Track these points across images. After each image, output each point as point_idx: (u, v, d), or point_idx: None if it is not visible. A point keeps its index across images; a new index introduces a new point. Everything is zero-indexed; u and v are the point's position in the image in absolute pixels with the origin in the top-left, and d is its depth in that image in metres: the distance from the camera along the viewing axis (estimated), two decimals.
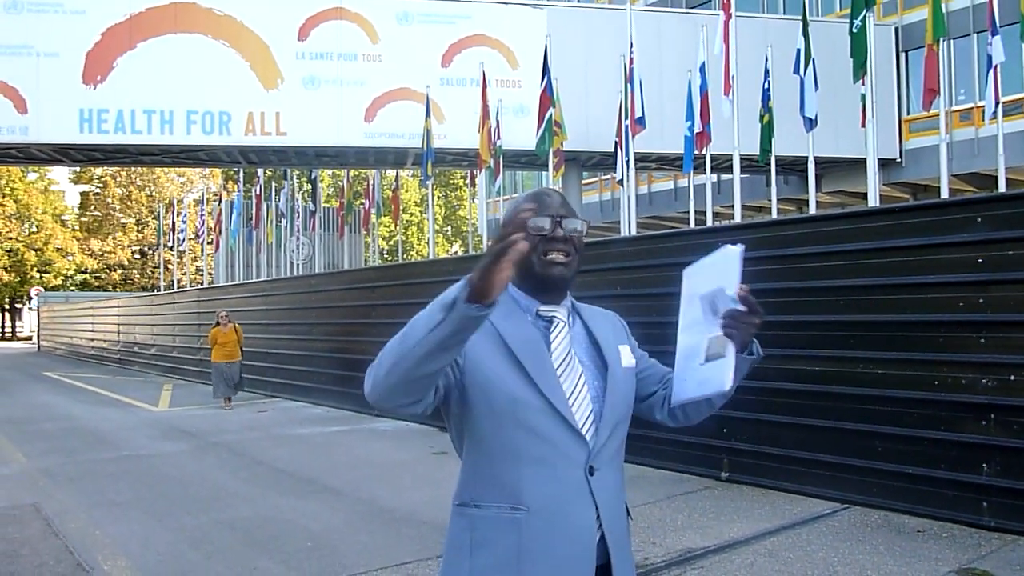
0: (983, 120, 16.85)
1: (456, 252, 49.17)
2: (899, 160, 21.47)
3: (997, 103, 13.06)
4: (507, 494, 1.60)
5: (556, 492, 1.59)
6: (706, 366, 1.64)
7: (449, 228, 52.88)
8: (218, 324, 13.13)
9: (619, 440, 1.70)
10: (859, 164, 18.76)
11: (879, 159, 14.04)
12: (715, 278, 1.63)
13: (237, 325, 13.37)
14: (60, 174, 49.95)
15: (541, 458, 1.59)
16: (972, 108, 19.61)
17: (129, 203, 47.89)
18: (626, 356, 1.77)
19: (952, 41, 19.14)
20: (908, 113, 21.64)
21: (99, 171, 46.30)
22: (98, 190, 48.20)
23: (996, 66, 12.93)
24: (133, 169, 45.01)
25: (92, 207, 48.64)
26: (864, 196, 19.29)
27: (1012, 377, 5.14)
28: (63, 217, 49.44)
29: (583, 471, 1.62)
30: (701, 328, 1.65)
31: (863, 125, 13.11)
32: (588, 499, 1.61)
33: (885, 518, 5.56)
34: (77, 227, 49.15)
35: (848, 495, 5.94)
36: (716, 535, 5.30)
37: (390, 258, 44.54)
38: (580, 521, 1.60)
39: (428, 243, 19.66)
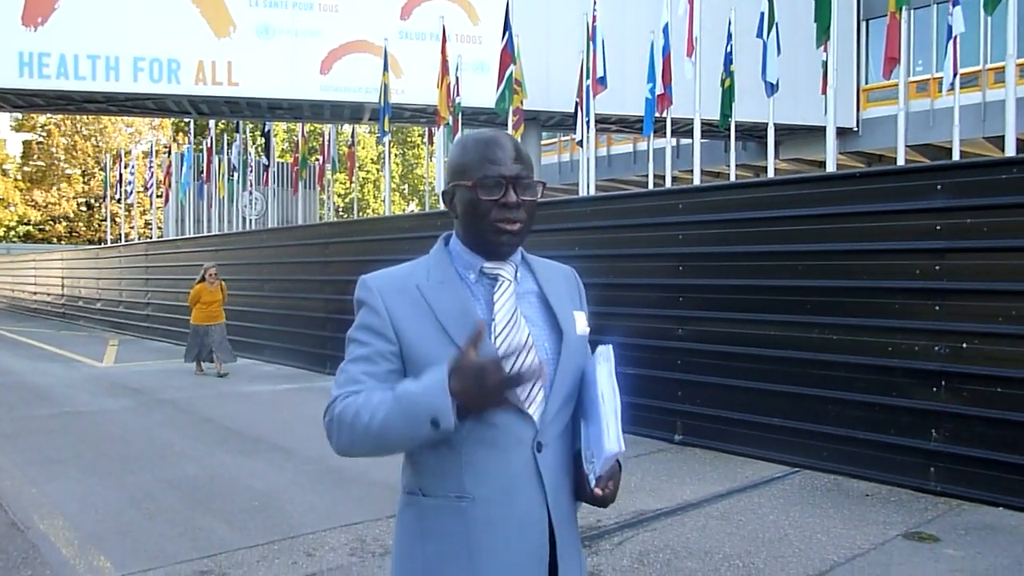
0: (939, 91, 17.01)
1: (412, 211, 48.72)
2: (856, 129, 21.64)
3: (955, 74, 13.14)
4: (451, 483, 1.50)
5: (500, 477, 1.48)
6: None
7: (406, 186, 52.28)
8: (203, 280, 11.56)
9: (569, 413, 1.58)
10: (816, 132, 18.88)
11: (836, 127, 14.09)
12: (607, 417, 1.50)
13: (223, 282, 11.97)
14: (0, 122, 48.17)
15: (483, 440, 1.47)
16: (929, 79, 19.79)
17: (74, 153, 46.31)
18: (580, 323, 1.62)
19: (912, 11, 19.23)
20: (866, 82, 21.78)
21: (42, 119, 44.64)
22: (41, 139, 46.45)
23: (956, 37, 12.99)
24: (78, 118, 43.51)
25: (35, 157, 46.90)
26: (821, 164, 19.42)
27: (964, 345, 5.18)
28: (4, 167, 47.62)
29: (530, 449, 1.50)
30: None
31: (823, 92, 13.11)
32: (535, 480, 1.50)
33: (835, 482, 5.61)
34: (19, 177, 47.45)
35: (800, 459, 5.99)
36: (669, 497, 5.29)
37: (345, 215, 43.97)
38: (527, 506, 1.50)
39: (384, 201, 19.33)
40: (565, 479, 1.57)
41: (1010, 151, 11.05)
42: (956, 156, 13.58)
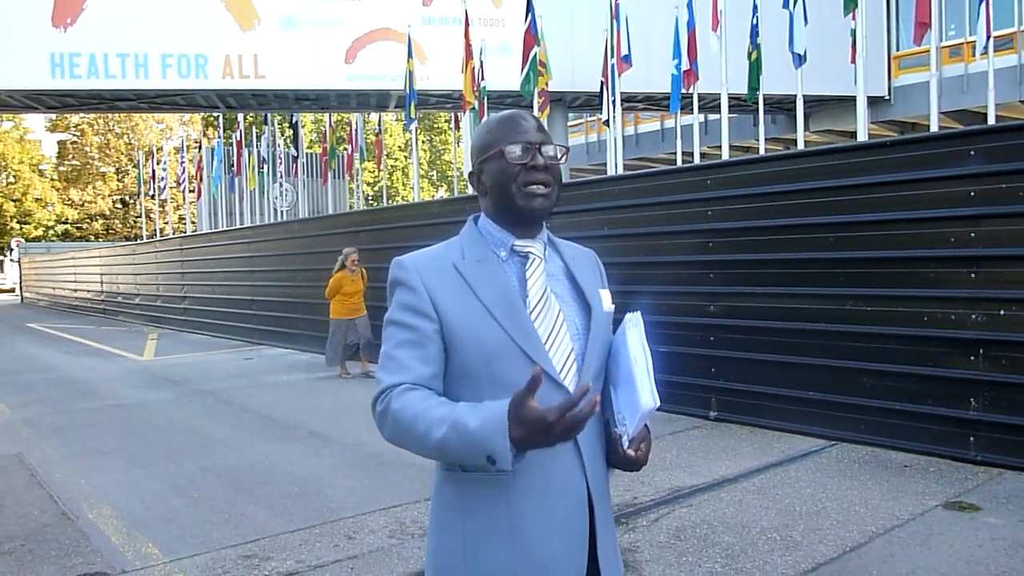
0: (973, 55, 16.59)
1: (441, 196, 48.77)
2: (887, 98, 21.24)
3: (988, 37, 12.85)
4: None
5: (539, 449, 1.50)
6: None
7: (434, 173, 52.36)
8: (343, 268, 10.20)
9: (599, 387, 1.62)
10: (847, 102, 18.58)
11: (867, 97, 13.83)
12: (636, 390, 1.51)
13: (364, 270, 10.44)
14: (36, 123, 49.17)
15: None
16: (962, 44, 19.33)
17: (108, 151, 47.02)
18: (606, 300, 1.68)
19: None
20: (897, 49, 21.34)
21: (76, 119, 45.36)
22: (75, 138, 47.24)
23: None
24: (110, 116, 44.14)
25: (70, 156, 47.73)
26: (853, 135, 19.12)
27: (1002, 312, 5.11)
28: (41, 167, 48.51)
29: None
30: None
31: (853, 61, 12.90)
32: (572, 450, 1.54)
33: (872, 454, 5.57)
34: (56, 177, 48.31)
35: (836, 432, 5.96)
36: (705, 473, 5.30)
37: (375, 203, 44.18)
38: (566, 475, 1.53)
39: (413, 188, 19.39)
40: (599, 450, 1.61)
41: None
42: (992, 121, 13.29)
